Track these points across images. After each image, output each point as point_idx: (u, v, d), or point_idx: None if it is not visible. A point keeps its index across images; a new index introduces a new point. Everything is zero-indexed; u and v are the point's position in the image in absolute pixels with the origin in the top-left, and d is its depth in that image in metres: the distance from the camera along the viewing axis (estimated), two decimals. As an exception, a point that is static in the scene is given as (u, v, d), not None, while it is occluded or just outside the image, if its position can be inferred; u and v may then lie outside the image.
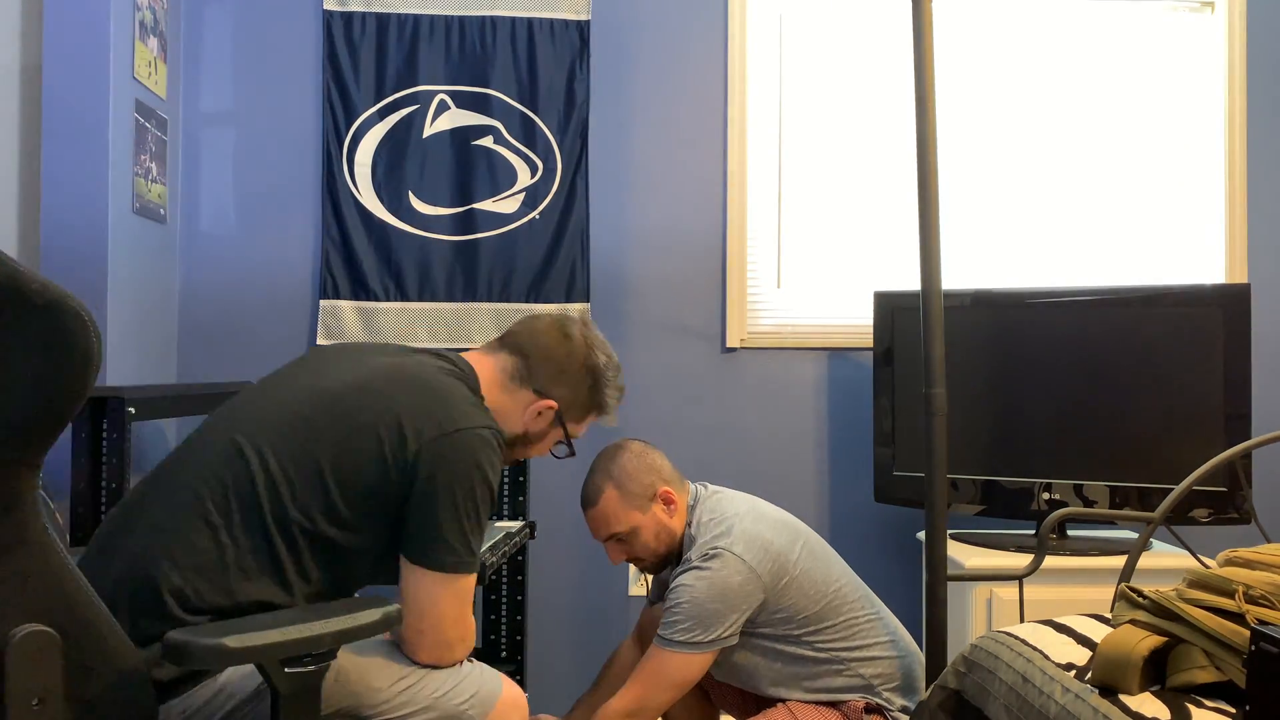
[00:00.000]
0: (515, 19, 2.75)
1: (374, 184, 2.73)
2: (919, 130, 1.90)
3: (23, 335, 0.96)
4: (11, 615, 0.98)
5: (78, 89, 2.27)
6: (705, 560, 1.84)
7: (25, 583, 1.00)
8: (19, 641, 0.96)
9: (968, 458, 2.55)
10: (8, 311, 0.95)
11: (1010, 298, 2.54)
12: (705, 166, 2.82)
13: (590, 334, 1.66)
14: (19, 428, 0.98)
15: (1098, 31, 2.90)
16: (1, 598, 0.98)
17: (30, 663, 0.97)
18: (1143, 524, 2.06)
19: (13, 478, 1.00)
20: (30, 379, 0.97)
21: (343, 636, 1.22)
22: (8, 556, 0.99)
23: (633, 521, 1.91)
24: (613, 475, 1.91)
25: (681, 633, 1.82)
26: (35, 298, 0.96)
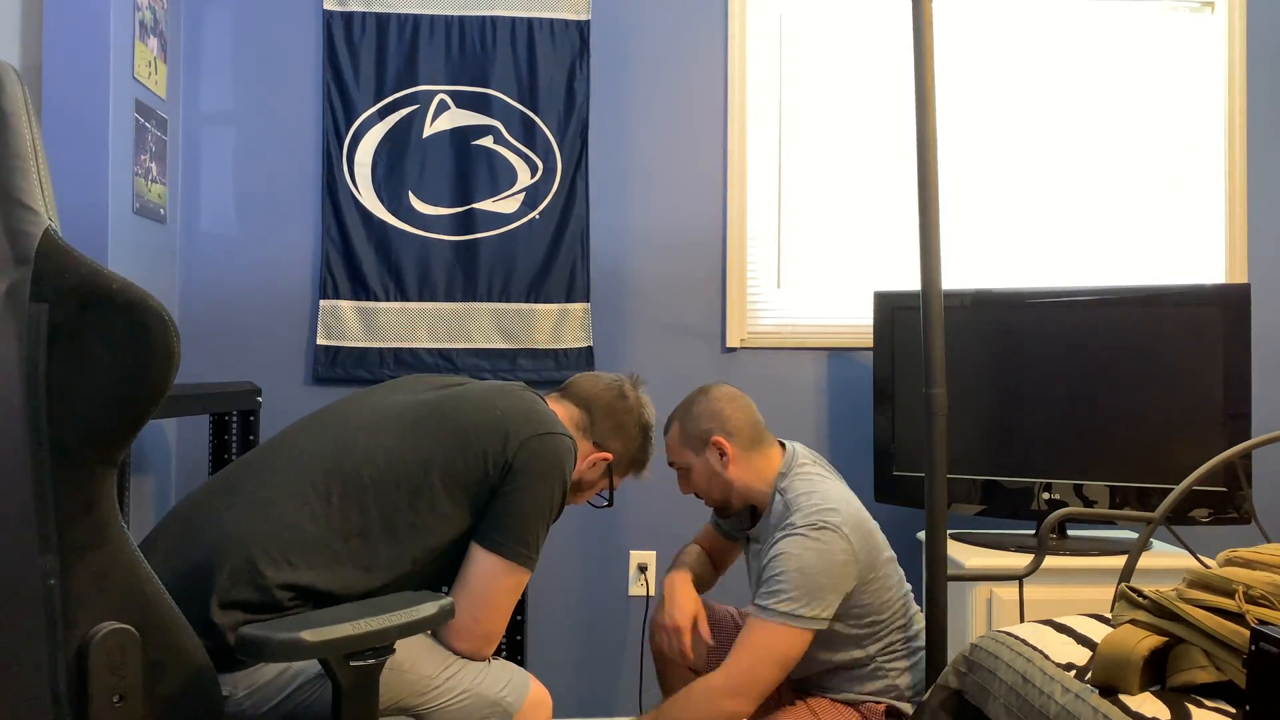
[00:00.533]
0: (515, 19, 2.75)
1: (374, 184, 2.73)
2: (919, 130, 1.90)
3: (106, 335, 0.97)
4: (92, 614, 0.99)
5: (78, 89, 2.27)
6: (814, 530, 1.77)
7: (105, 581, 1.01)
8: (101, 639, 0.98)
9: (968, 458, 2.55)
10: (92, 311, 0.97)
11: (1010, 298, 2.54)
12: (705, 166, 2.82)
13: (642, 396, 1.82)
14: (101, 426, 0.99)
15: (1098, 31, 2.90)
16: (83, 596, 0.98)
17: (112, 660, 0.98)
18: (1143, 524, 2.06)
19: (94, 477, 1.00)
20: (112, 378, 0.98)
21: (405, 630, 1.26)
22: (89, 555, 1.00)
23: (687, 460, 1.96)
24: (683, 412, 1.98)
25: (787, 602, 1.73)
26: (117, 297, 0.97)
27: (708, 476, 1.95)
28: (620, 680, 2.79)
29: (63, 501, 0.97)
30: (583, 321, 2.76)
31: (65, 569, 0.96)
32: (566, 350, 2.75)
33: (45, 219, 0.96)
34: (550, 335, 2.75)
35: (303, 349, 2.73)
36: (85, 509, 0.99)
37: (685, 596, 1.95)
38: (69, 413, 0.96)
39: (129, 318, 0.98)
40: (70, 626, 0.97)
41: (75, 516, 0.98)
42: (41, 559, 0.95)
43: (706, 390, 1.99)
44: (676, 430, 1.98)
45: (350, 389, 2.74)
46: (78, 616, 0.98)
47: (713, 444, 1.92)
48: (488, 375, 2.73)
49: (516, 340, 2.74)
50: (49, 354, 0.95)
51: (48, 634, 0.95)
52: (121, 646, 1.00)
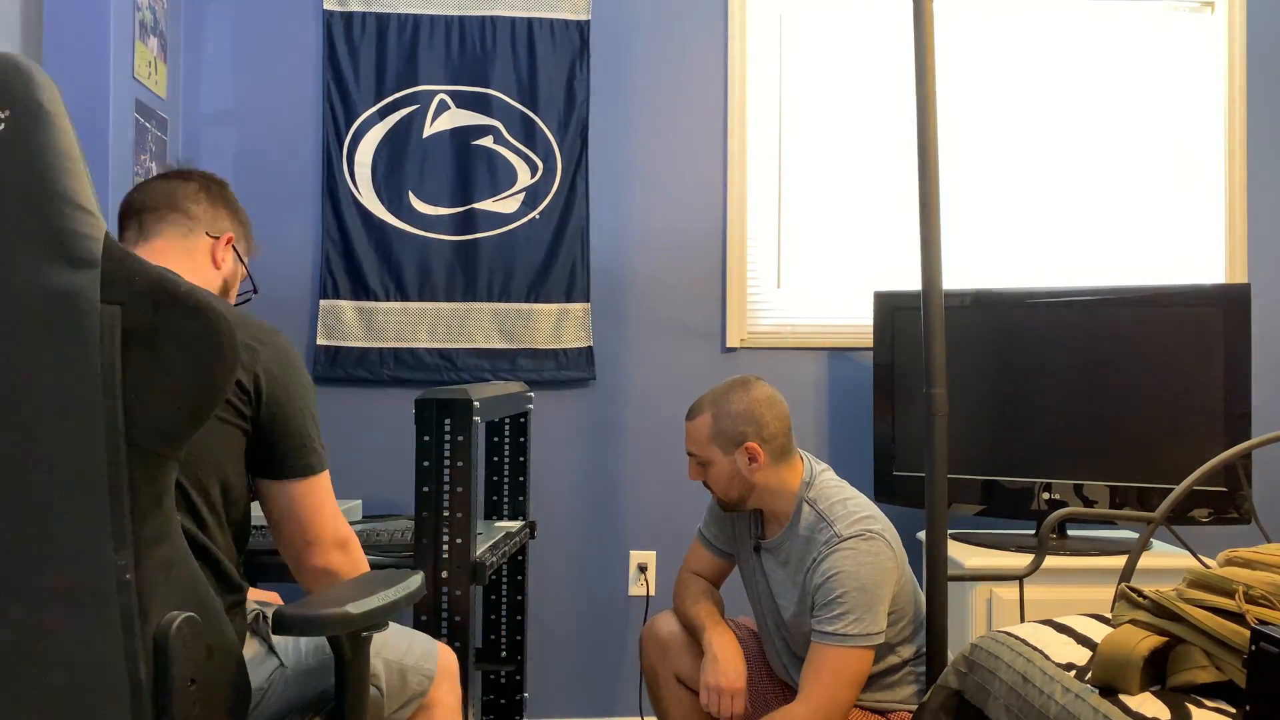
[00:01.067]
0: (515, 19, 2.75)
1: (374, 184, 2.73)
2: (919, 130, 1.90)
3: (178, 336, 1.01)
4: (163, 603, 1.04)
5: (78, 89, 2.27)
6: (861, 541, 1.78)
7: (170, 572, 1.06)
8: (178, 627, 1.03)
9: (968, 458, 2.55)
10: (164, 313, 1.00)
11: (1010, 298, 2.54)
12: (705, 166, 2.82)
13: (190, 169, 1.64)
14: (171, 423, 1.03)
15: (1098, 31, 2.89)
16: (155, 588, 1.02)
17: (185, 647, 1.03)
18: (1143, 524, 2.06)
19: (165, 471, 1.05)
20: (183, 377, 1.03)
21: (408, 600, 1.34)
22: (159, 547, 1.04)
23: (711, 455, 1.89)
24: (717, 404, 1.89)
25: (854, 624, 1.73)
26: (186, 299, 1.02)
27: (729, 476, 1.89)
28: (620, 680, 2.78)
29: (138, 498, 1.01)
30: (583, 321, 2.76)
31: (139, 562, 1.00)
32: (566, 350, 2.75)
33: (102, 221, 0.98)
34: (550, 335, 2.75)
35: (303, 349, 2.73)
36: (155, 503, 1.04)
37: (735, 657, 1.89)
38: (144, 411, 1.00)
39: (199, 320, 1.03)
40: (145, 618, 1.01)
41: (148, 511, 1.02)
42: (116, 555, 0.98)
43: (747, 387, 1.90)
44: (707, 422, 1.89)
45: (351, 389, 2.74)
46: (151, 608, 1.02)
47: (745, 448, 1.87)
48: (488, 375, 2.73)
49: (516, 340, 2.74)
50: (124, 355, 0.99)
51: (123, 626, 0.99)
52: (193, 633, 1.05)
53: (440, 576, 1.80)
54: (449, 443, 1.82)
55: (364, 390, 2.74)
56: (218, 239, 1.57)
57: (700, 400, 1.93)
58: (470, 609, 1.80)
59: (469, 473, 1.81)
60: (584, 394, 2.79)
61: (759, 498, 1.92)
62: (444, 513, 1.81)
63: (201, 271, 1.54)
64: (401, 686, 1.55)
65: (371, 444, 2.72)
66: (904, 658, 1.89)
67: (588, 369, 2.76)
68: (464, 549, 1.81)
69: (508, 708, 2.50)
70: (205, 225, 1.55)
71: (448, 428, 1.82)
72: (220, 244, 1.57)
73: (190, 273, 1.50)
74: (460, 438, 1.82)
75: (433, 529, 1.80)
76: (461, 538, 1.81)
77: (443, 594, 1.80)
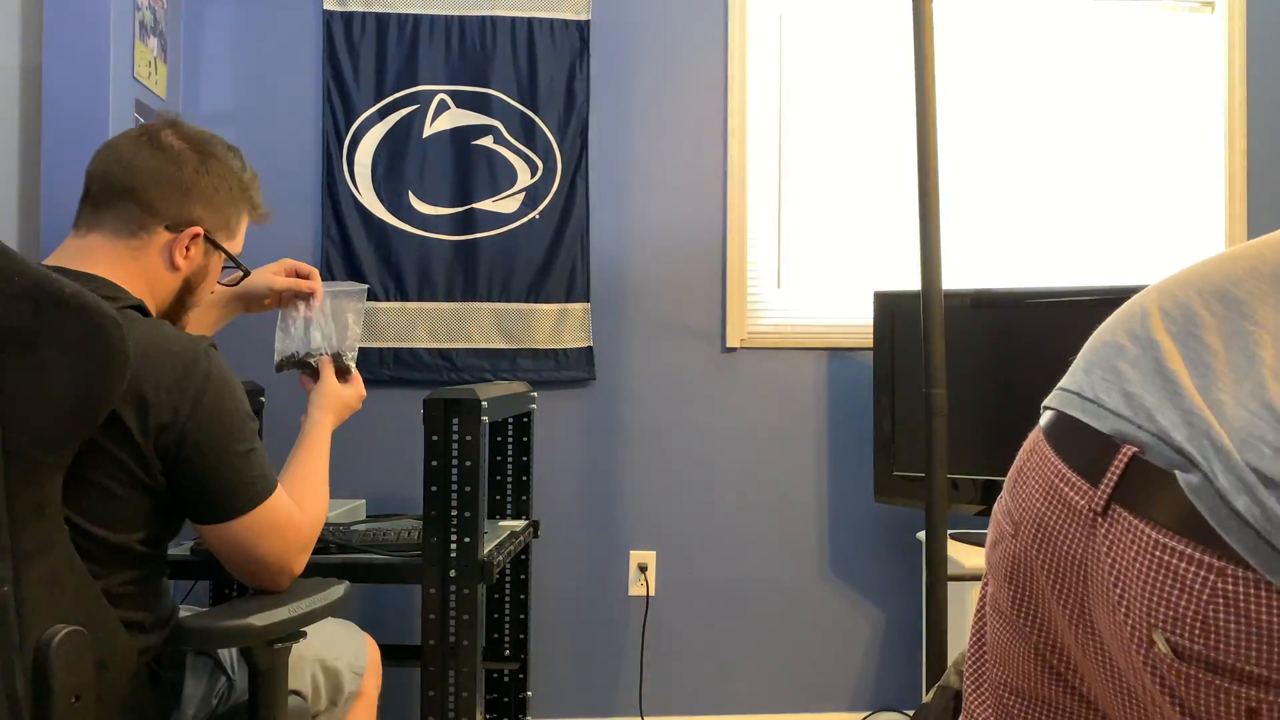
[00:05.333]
0: (515, 19, 2.75)
1: (374, 184, 2.73)
2: (919, 130, 1.90)
3: (60, 338, 0.97)
4: (45, 618, 1.00)
5: (78, 89, 2.26)
6: None
7: (54, 586, 1.02)
8: (60, 641, 0.99)
9: (968, 458, 2.55)
10: (45, 314, 0.96)
11: (1010, 298, 2.54)
12: (705, 167, 2.82)
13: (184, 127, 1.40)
14: (54, 430, 0.99)
15: (1098, 31, 2.90)
16: (36, 601, 0.99)
17: (69, 661, 1.00)
18: (1143, 524, 2.06)
19: (44, 482, 1.01)
20: (66, 382, 0.98)
21: (326, 611, 1.31)
22: (39, 560, 1.00)
23: None
24: None
25: None
26: (70, 301, 0.97)
27: None
28: (620, 680, 2.79)
29: (15, 507, 0.96)
30: (582, 321, 2.76)
31: (17, 575, 0.96)
32: (566, 350, 2.75)
33: None
34: (550, 335, 2.75)
35: (303, 349, 2.73)
36: (36, 513, 0.99)
37: None
38: (22, 416, 0.96)
39: (84, 321, 0.98)
40: (26, 630, 0.97)
41: (27, 521, 0.98)
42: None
43: None
44: None
45: (350, 389, 2.73)
46: (32, 621, 0.98)
47: None
48: (488, 375, 2.73)
49: (516, 340, 2.74)
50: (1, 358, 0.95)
51: (2, 638, 0.95)
52: (77, 648, 1.01)
53: (448, 575, 1.80)
54: (457, 442, 1.82)
55: (364, 390, 2.74)
56: (178, 234, 1.32)
57: None
58: (478, 608, 1.81)
59: (476, 472, 1.82)
60: (584, 394, 2.79)
61: None
62: (452, 512, 1.81)
63: (150, 273, 1.30)
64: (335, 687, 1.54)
65: (371, 444, 2.72)
66: None
67: (588, 369, 2.76)
68: (472, 547, 1.81)
69: (511, 706, 2.51)
70: (166, 217, 1.30)
71: (455, 427, 1.82)
72: (181, 240, 1.32)
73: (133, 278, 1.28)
74: (468, 437, 1.82)
75: (441, 528, 1.81)
76: (469, 536, 1.81)
77: (450, 593, 1.80)
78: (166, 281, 1.33)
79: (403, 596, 2.77)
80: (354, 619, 2.76)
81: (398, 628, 2.77)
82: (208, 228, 1.35)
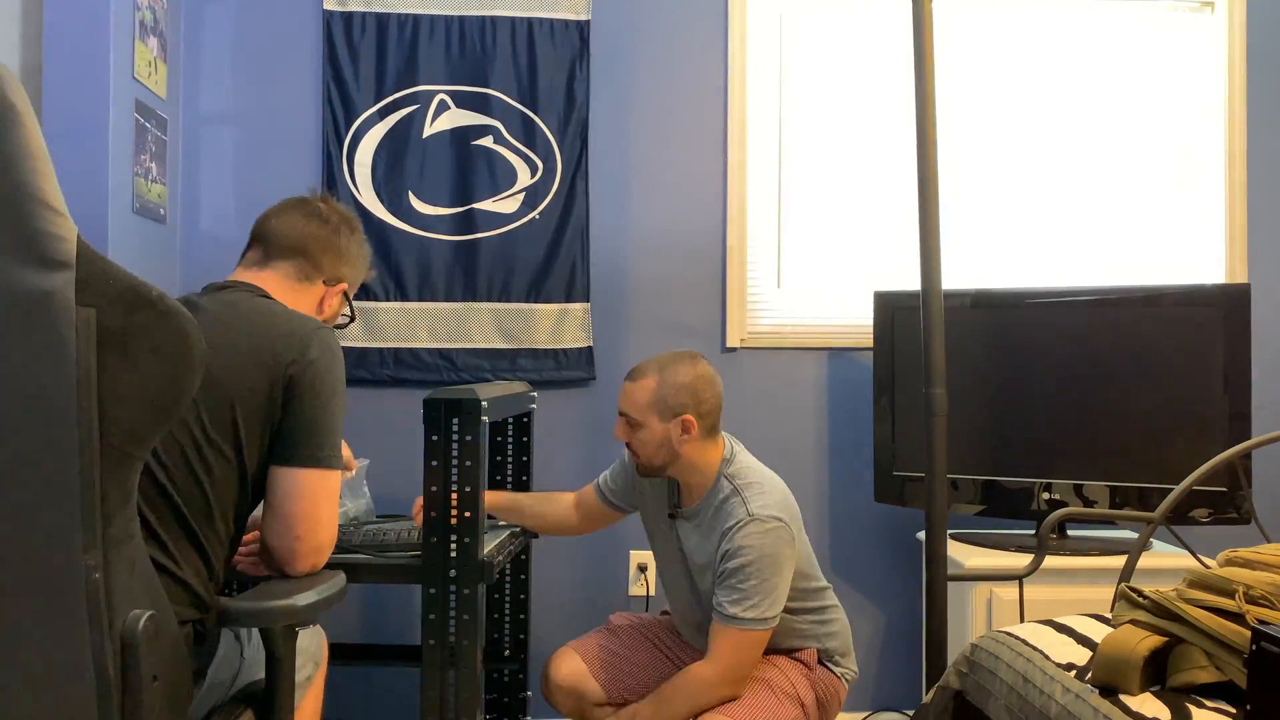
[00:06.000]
0: (515, 19, 2.75)
1: (374, 184, 2.73)
2: (919, 130, 1.90)
3: (151, 339, 1.04)
4: (128, 602, 1.06)
5: (78, 89, 2.27)
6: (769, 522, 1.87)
7: (134, 571, 1.08)
8: (143, 625, 1.05)
9: (968, 458, 2.55)
10: (139, 316, 1.03)
11: (1010, 298, 2.54)
12: (705, 167, 2.82)
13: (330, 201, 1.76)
14: (141, 425, 1.05)
15: (1098, 31, 2.90)
16: (120, 587, 1.04)
17: (150, 644, 1.06)
18: (1143, 524, 2.07)
19: (132, 471, 1.07)
20: (153, 379, 1.05)
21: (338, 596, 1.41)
22: (124, 548, 1.06)
23: (646, 419, 1.93)
24: (664, 373, 1.94)
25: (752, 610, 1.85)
26: (158, 304, 1.05)
27: (657, 444, 1.94)
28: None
29: (108, 498, 1.02)
30: (583, 321, 2.76)
31: (107, 562, 1.02)
32: (566, 350, 2.75)
33: (71, 222, 0.99)
34: (550, 335, 2.75)
35: (303, 349, 2.73)
36: (122, 503, 1.06)
37: None
38: (117, 412, 1.02)
39: (171, 324, 1.06)
40: (113, 616, 1.03)
41: (116, 511, 1.04)
42: (85, 555, 1.00)
43: (694, 361, 1.97)
44: (650, 388, 1.94)
45: (350, 389, 2.73)
46: (118, 606, 1.04)
47: (681, 420, 1.93)
48: (488, 375, 2.73)
49: (516, 340, 2.74)
50: (99, 357, 1.00)
51: (91, 624, 1.00)
52: (156, 631, 1.07)
53: (448, 575, 1.80)
54: (457, 442, 1.82)
55: (364, 390, 2.74)
56: (331, 288, 1.66)
57: (645, 364, 1.98)
58: (478, 607, 1.81)
59: (477, 472, 1.82)
60: (584, 394, 2.79)
61: (679, 468, 1.98)
62: (452, 512, 1.81)
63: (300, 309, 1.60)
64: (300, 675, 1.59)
65: (371, 444, 2.72)
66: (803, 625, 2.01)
67: (588, 369, 2.76)
68: (472, 548, 1.81)
69: (510, 706, 2.51)
70: (326, 274, 1.65)
71: (456, 427, 1.82)
72: (333, 292, 1.66)
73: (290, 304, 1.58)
74: (469, 437, 1.82)
75: (441, 528, 1.81)
76: (470, 537, 1.81)
77: (451, 593, 1.80)
78: None
79: (403, 596, 2.77)
80: (354, 619, 2.77)
81: (398, 628, 2.77)
82: (348, 285, 1.70)
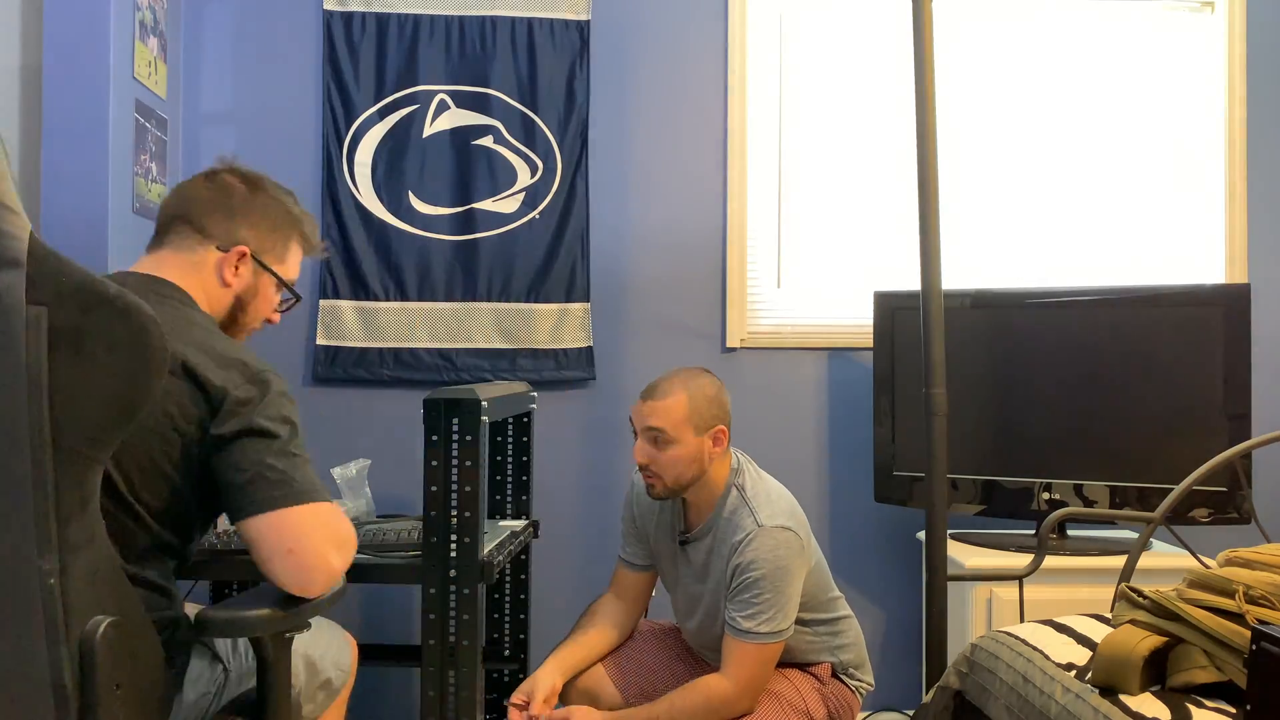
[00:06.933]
0: (515, 19, 2.75)
1: (374, 184, 2.73)
2: (919, 130, 1.90)
3: (107, 337, 1.01)
4: (87, 609, 1.03)
5: (78, 89, 2.27)
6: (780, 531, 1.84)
7: (95, 577, 1.05)
8: (103, 632, 1.02)
9: (968, 458, 2.55)
10: (93, 314, 1.00)
11: (1010, 298, 2.54)
12: (705, 167, 2.82)
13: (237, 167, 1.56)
14: (99, 426, 1.03)
15: (1097, 31, 2.90)
16: (79, 593, 1.01)
17: (111, 651, 1.03)
18: (1143, 524, 2.07)
19: (90, 474, 1.04)
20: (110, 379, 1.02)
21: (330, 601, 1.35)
22: (83, 552, 1.03)
23: (683, 436, 1.86)
24: (690, 387, 1.88)
25: (765, 623, 1.83)
26: (115, 301, 1.02)
27: (689, 459, 1.88)
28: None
29: (63, 501, 1.00)
30: (582, 321, 2.76)
31: (64, 567, 0.99)
32: (566, 350, 2.75)
33: (25, 220, 0.97)
34: (550, 335, 2.75)
35: (302, 349, 2.73)
36: (80, 507, 1.03)
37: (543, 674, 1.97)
38: (71, 414, 0.99)
39: (129, 321, 1.02)
40: (70, 623, 1.00)
41: (72, 515, 1.01)
42: (40, 560, 0.97)
43: (709, 375, 1.93)
44: (684, 401, 1.86)
45: (350, 389, 2.74)
46: (76, 613, 1.01)
47: (717, 432, 1.89)
48: (488, 375, 2.73)
49: (516, 340, 2.74)
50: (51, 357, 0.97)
51: (48, 631, 0.98)
52: (118, 638, 1.04)
53: (448, 575, 1.80)
54: (457, 442, 1.82)
55: (363, 390, 2.74)
56: (226, 253, 1.47)
57: (665, 383, 1.90)
58: (478, 607, 1.81)
59: (477, 472, 1.82)
60: (584, 394, 2.79)
61: (700, 486, 1.94)
62: (452, 512, 1.81)
63: (206, 287, 1.46)
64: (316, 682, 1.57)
65: (371, 444, 2.73)
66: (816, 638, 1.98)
67: (588, 369, 2.76)
68: (472, 548, 1.81)
69: (508, 707, 2.50)
70: (217, 238, 1.47)
71: (455, 427, 1.82)
72: (229, 258, 1.47)
73: (195, 289, 1.44)
74: (468, 437, 1.82)
75: (441, 528, 1.81)
76: (469, 537, 1.81)
77: (450, 593, 1.80)
78: (220, 297, 1.48)
79: (403, 596, 2.77)
80: (354, 619, 2.77)
81: (398, 628, 2.77)
82: (254, 249, 1.49)
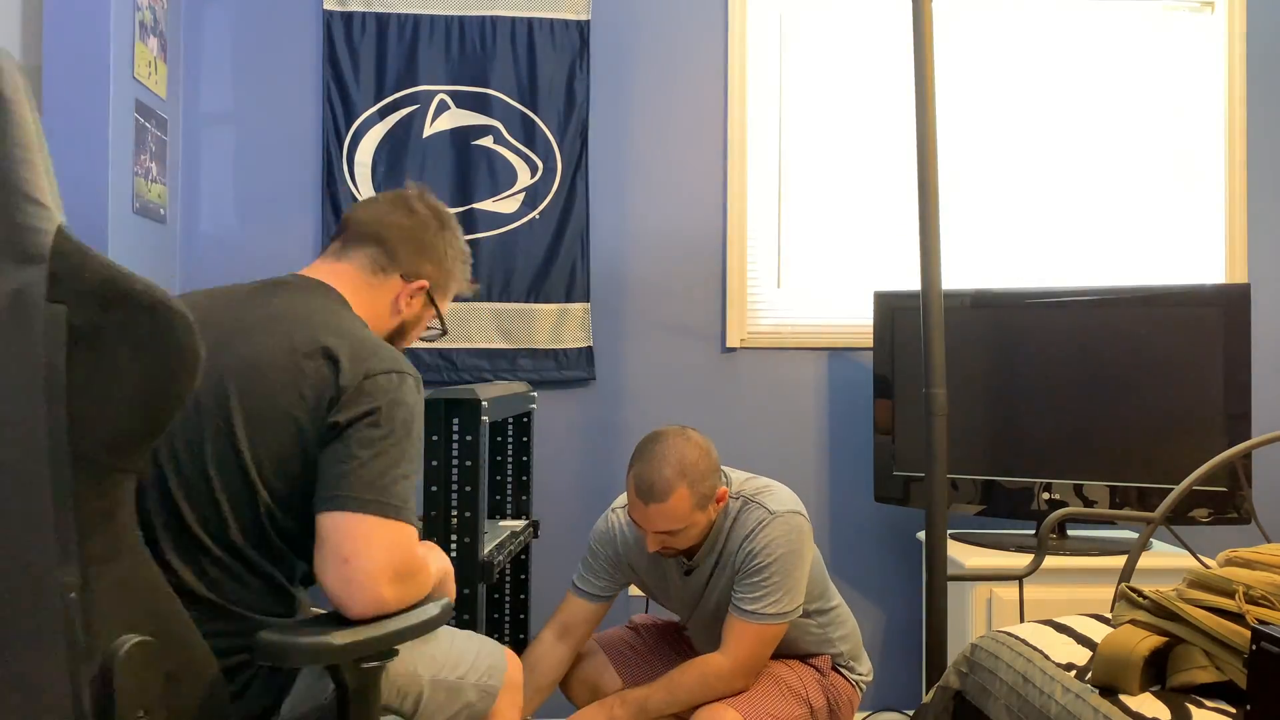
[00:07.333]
0: (515, 19, 2.75)
1: (374, 184, 2.73)
2: (919, 130, 1.90)
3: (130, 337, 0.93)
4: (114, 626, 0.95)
5: (78, 89, 2.27)
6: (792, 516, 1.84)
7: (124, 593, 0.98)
8: (127, 652, 0.94)
9: (968, 458, 2.55)
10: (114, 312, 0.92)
11: (1010, 298, 2.54)
12: (705, 167, 2.82)
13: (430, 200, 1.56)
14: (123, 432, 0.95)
15: (1098, 31, 2.90)
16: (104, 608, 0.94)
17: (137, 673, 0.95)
18: (1143, 524, 2.07)
19: (114, 485, 0.96)
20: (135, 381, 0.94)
21: (416, 631, 1.21)
22: (109, 566, 0.96)
23: (695, 521, 1.79)
24: (683, 471, 1.76)
25: (773, 605, 1.82)
26: (141, 297, 0.93)
27: (702, 530, 1.83)
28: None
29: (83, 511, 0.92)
30: (583, 321, 2.76)
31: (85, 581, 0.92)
32: (566, 350, 2.75)
33: (56, 214, 0.91)
34: (550, 335, 2.75)
35: (303, 349, 2.73)
36: (105, 518, 0.95)
37: None
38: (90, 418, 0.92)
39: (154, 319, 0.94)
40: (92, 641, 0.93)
41: (95, 527, 0.94)
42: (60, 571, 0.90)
43: (686, 438, 1.81)
44: (685, 497, 1.76)
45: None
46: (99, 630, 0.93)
47: (719, 495, 1.83)
48: (488, 375, 2.73)
49: (516, 340, 2.74)
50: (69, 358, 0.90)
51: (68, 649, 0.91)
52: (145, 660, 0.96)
53: (447, 575, 1.80)
54: (457, 442, 1.82)
55: (364, 390, 2.74)
56: (408, 283, 1.48)
57: (659, 476, 1.76)
58: (478, 607, 1.81)
59: (477, 472, 1.82)
60: (584, 394, 2.79)
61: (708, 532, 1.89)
62: (452, 512, 1.81)
63: (376, 309, 1.46)
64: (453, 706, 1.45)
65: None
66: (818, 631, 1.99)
67: (588, 369, 2.76)
68: (472, 548, 1.81)
69: (508, 707, 2.50)
70: (403, 267, 1.48)
71: (455, 427, 1.83)
72: (409, 289, 1.48)
73: (363, 306, 1.43)
74: (468, 437, 1.82)
75: (441, 528, 1.81)
76: (469, 537, 1.81)
77: (449, 593, 1.80)
78: (385, 322, 1.50)
79: (403, 596, 2.77)
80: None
81: (398, 628, 2.76)
82: (432, 285, 1.52)
